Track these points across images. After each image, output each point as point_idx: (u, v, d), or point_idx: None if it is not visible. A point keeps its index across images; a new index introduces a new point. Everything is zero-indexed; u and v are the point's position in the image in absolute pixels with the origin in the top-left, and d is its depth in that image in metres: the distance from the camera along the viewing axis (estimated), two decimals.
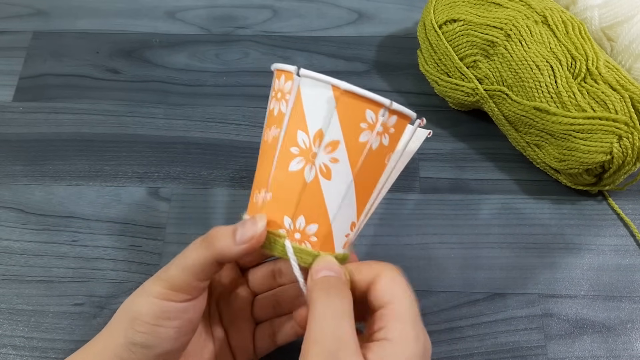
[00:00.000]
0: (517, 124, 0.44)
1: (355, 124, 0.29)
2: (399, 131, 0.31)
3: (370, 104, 0.29)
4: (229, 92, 0.52)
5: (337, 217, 0.30)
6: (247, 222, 0.29)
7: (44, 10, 0.57)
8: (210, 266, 0.29)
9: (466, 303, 0.42)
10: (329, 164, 0.29)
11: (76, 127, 0.50)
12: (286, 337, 0.34)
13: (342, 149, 0.29)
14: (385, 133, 0.30)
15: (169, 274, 0.30)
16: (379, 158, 0.30)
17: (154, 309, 0.29)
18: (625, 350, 0.40)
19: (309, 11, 0.57)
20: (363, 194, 0.31)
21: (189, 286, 0.29)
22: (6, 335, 0.41)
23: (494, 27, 0.44)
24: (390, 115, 0.30)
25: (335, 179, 0.30)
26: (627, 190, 0.46)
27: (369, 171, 0.30)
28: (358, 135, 0.29)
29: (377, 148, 0.30)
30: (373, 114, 0.29)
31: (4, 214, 0.46)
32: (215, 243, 0.29)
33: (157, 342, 0.29)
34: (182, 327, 0.30)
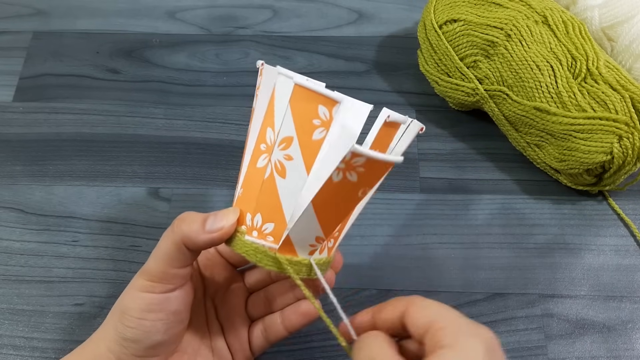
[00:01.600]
0: (517, 124, 0.44)
1: (308, 120, 0.28)
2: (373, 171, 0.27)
3: (321, 99, 0.28)
4: (229, 92, 0.52)
5: (295, 225, 0.28)
6: (219, 213, 0.29)
7: (44, 10, 0.57)
8: (179, 252, 0.29)
9: (466, 303, 0.42)
10: (283, 161, 0.29)
11: (76, 127, 0.50)
12: (277, 335, 0.34)
13: (296, 146, 0.28)
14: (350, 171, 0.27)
15: (147, 265, 0.30)
16: (344, 190, 0.27)
17: (139, 302, 0.30)
18: (626, 350, 0.40)
19: (309, 11, 0.57)
20: (327, 217, 0.29)
21: (165, 274, 0.29)
22: (6, 335, 0.41)
23: (494, 27, 0.44)
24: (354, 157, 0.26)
25: (290, 178, 0.29)
26: (627, 190, 0.46)
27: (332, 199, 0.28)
28: (311, 133, 0.28)
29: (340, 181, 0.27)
30: (326, 110, 0.28)
31: (4, 214, 0.46)
32: (181, 226, 0.29)
33: (145, 336, 0.29)
34: (168, 319, 0.30)
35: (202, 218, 0.29)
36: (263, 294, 0.35)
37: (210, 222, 0.29)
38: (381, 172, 0.28)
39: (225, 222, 0.29)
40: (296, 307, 0.33)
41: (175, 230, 0.29)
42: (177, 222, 0.29)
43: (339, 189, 0.27)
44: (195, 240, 0.29)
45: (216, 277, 0.35)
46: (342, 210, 0.29)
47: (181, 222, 0.29)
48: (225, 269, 0.36)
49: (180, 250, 0.29)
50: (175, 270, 0.30)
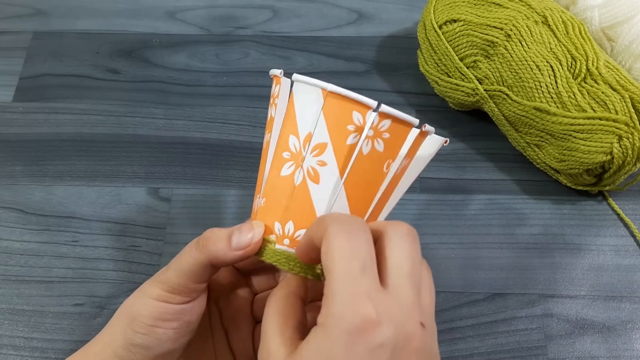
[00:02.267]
0: (517, 124, 0.44)
1: (342, 126, 0.28)
2: (397, 136, 0.29)
3: (356, 106, 0.28)
4: (229, 92, 0.52)
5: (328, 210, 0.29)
6: (243, 228, 0.29)
7: (44, 10, 0.57)
8: (204, 269, 0.29)
9: (466, 303, 0.42)
10: (316, 166, 0.29)
11: (76, 127, 0.50)
12: None
13: (330, 152, 0.29)
14: (377, 137, 0.28)
15: (166, 276, 0.30)
16: (373, 163, 0.29)
17: (152, 310, 0.29)
18: (626, 350, 0.40)
19: (309, 11, 0.57)
20: (357, 200, 0.29)
21: (185, 288, 0.29)
22: (6, 335, 0.41)
23: (494, 27, 0.44)
24: (382, 119, 0.28)
25: (323, 183, 0.29)
26: (627, 190, 0.46)
27: (362, 176, 0.29)
28: (346, 138, 0.28)
29: (369, 152, 0.28)
30: (360, 115, 0.28)
31: (4, 214, 0.46)
32: (209, 246, 0.29)
33: (155, 343, 0.29)
34: (180, 328, 0.30)
35: (227, 235, 0.29)
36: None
37: (235, 238, 0.29)
38: (403, 138, 0.29)
39: (252, 238, 0.29)
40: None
41: (202, 251, 0.29)
42: (203, 241, 0.29)
43: (366, 162, 0.28)
44: (222, 259, 0.29)
45: (221, 280, 0.35)
46: (369, 188, 0.29)
47: (207, 241, 0.29)
48: (230, 272, 0.36)
49: (205, 268, 0.29)
50: (196, 285, 0.30)
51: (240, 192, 0.46)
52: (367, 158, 0.28)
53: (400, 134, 0.29)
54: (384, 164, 0.29)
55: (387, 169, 0.29)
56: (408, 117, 0.28)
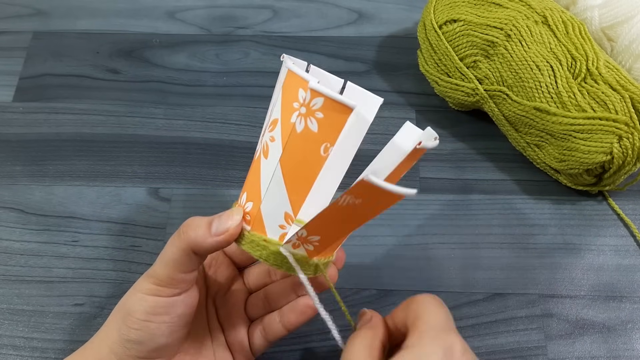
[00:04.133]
0: (517, 124, 0.44)
1: (290, 103, 0.28)
2: (332, 119, 0.27)
3: (301, 82, 0.28)
4: (229, 92, 0.52)
5: (266, 197, 0.29)
6: (223, 215, 0.29)
7: (44, 10, 0.57)
8: (187, 257, 0.29)
9: (466, 303, 0.42)
10: (268, 142, 0.29)
11: (76, 127, 0.50)
12: (276, 334, 0.34)
13: (278, 128, 0.29)
14: (309, 116, 0.27)
15: (154, 269, 0.30)
16: (306, 143, 0.28)
17: (144, 305, 0.29)
18: (626, 350, 0.40)
19: (309, 11, 0.57)
20: (294, 182, 0.28)
21: (173, 280, 0.29)
22: (6, 335, 0.41)
23: (494, 27, 0.44)
24: (314, 97, 0.27)
25: (270, 158, 0.29)
26: (627, 190, 0.46)
27: (297, 157, 0.28)
28: (291, 115, 0.28)
29: (302, 131, 0.27)
30: (304, 92, 0.28)
31: (4, 214, 0.46)
32: (189, 232, 0.29)
33: (149, 338, 0.29)
34: (173, 322, 0.30)
35: (207, 222, 0.29)
36: (262, 294, 0.35)
37: (215, 225, 0.29)
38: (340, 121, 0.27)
39: (231, 223, 0.29)
40: (294, 304, 0.33)
41: (182, 237, 0.29)
42: (183, 228, 0.29)
43: (299, 142, 0.27)
44: (202, 245, 0.29)
45: (219, 276, 0.35)
46: (304, 170, 0.28)
47: (187, 227, 0.29)
48: (228, 268, 0.36)
49: (188, 256, 0.29)
50: (183, 275, 0.30)
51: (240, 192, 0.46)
52: (300, 137, 0.28)
53: (336, 116, 0.27)
54: (320, 146, 0.28)
55: (325, 152, 0.28)
56: (342, 98, 0.26)
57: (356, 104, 0.26)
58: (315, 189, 0.28)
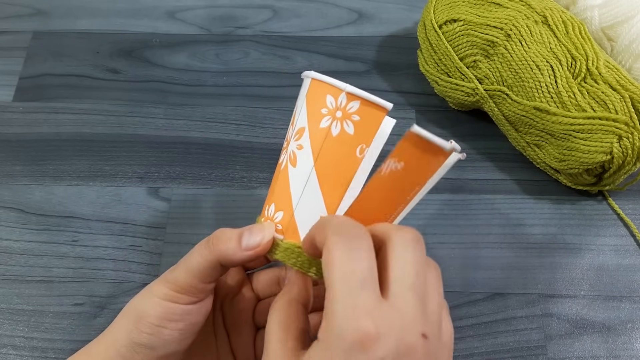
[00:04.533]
0: (517, 124, 0.44)
1: (318, 110, 0.29)
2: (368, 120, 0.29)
3: (329, 89, 0.29)
4: (229, 92, 0.52)
5: (300, 204, 0.29)
6: (254, 228, 0.29)
7: (44, 10, 0.57)
8: (214, 269, 0.29)
9: (466, 303, 0.42)
10: (295, 150, 0.30)
11: (76, 127, 0.50)
12: None
13: (306, 135, 0.29)
14: (346, 119, 0.29)
15: (174, 275, 0.30)
16: (342, 146, 0.29)
17: (159, 310, 0.29)
18: (626, 350, 0.40)
19: (309, 11, 0.57)
20: (330, 185, 0.29)
21: (194, 288, 0.29)
22: (6, 335, 0.41)
23: (494, 27, 0.44)
24: (350, 101, 0.28)
25: (299, 166, 0.29)
26: (627, 190, 0.46)
27: (333, 160, 0.29)
28: (319, 121, 0.29)
29: (338, 135, 0.29)
30: (333, 99, 0.29)
31: (4, 214, 0.46)
32: (219, 245, 0.29)
33: (161, 344, 0.29)
34: (186, 329, 0.30)
35: (237, 235, 0.29)
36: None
37: (245, 239, 0.29)
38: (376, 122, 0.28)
39: (262, 238, 0.29)
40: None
41: (212, 249, 0.29)
42: (214, 240, 0.29)
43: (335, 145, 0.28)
44: (232, 259, 0.29)
45: (229, 280, 0.35)
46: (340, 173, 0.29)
47: (217, 240, 0.29)
48: (237, 273, 0.35)
49: (215, 268, 0.29)
50: (204, 285, 0.30)
51: (240, 192, 0.46)
52: (336, 140, 0.29)
53: (372, 118, 0.29)
54: (356, 148, 0.29)
55: (361, 154, 0.29)
56: (378, 100, 0.28)
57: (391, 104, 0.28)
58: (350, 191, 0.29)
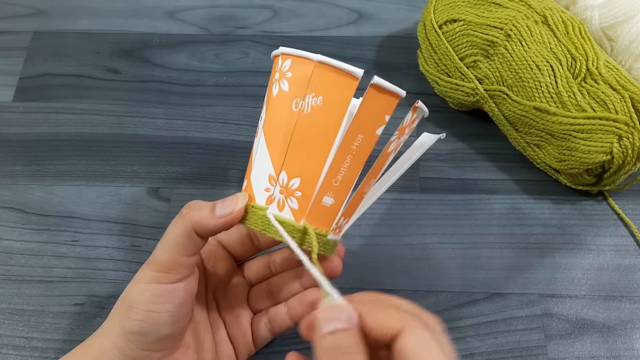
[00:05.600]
0: (517, 124, 0.44)
1: (270, 79, 0.31)
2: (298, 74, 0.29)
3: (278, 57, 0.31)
4: (229, 92, 0.52)
5: (254, 166, 0.31)
6: (227, 199, 0.30)
7: (44, 10, 0.57)
8: (190, 239, 0.30)
9: (466, 303, 0.42)
10: (259, 122, 0.32)
11: (76, 127, 0.50)
12: (281, 325, 0.34)
13: (264, 104, 0.31)
14: (282, 78, 0.30)
15: (155, 256, 0.30)
16: (280, 104, 0.30)
17: (147, 294, 0.30)
18: (626, 350, 0.40)
19: (309, 11, 0.57)
20: (274, 143, 0.30)
21: (175, 264, 0.30)
22: (6, 335, 0.41)
23: (494, 27, 0.44)
24: (284, 60, 0.30)
25: (258, 133, 0.31)
26: (627, 190, 0.46)
27: (274, 118, 0.30)
28: (270, 88, 0.31)
29: (277, 94, 0.30)
30: (279, 64, 0.30)
31: (4, 214, 0.46)
32: (192, 213, 0.29)
33: (152, 329, 0.30)
34: (175, 310, 0.30)
35: (211, 205, 0.30)
36: (266, 286, 0.36)
37: (219, 207, 0.30)
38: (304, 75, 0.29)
39: (235, 206, 0.30)
40: (302, 297, 0.33)
41: (185, 217, 0.30)
42: (186, 209, 0.30)
43: (274, 103, 0.30)
44: (206, 226, 0.29)
45: (218, 270, 0.36)
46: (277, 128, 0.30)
47: (190, 209, 0.30)
48: (227, 262, 0.36)
49: (191, 238, 0.30)
50: (184, 258, 0.30)
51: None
52: (276, 100, 0.30)
53: (303, 70, 0.29)
54: (292, 102, 0.29)
55: (297, 107, 0.29)
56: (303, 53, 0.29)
57: (319, 56, 0.28)
58: (293, 145, 0.29)
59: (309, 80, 0.29)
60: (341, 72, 0.29)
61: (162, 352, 0.31)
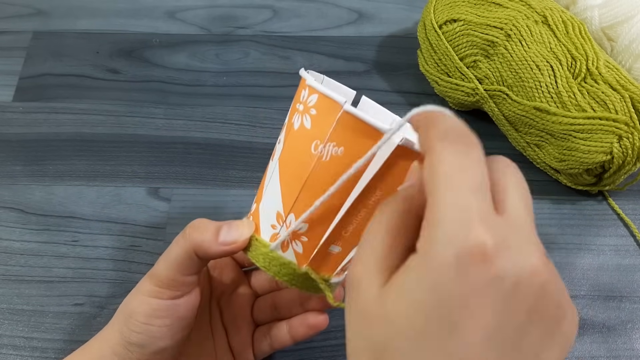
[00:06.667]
0: (517, 124, 0.44)
1: (294, 104, 0.29)
2: (324, 114, 0.27)
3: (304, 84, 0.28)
4: (229, 92, 0.52)
5: (265, 196, 0.29)
6: (233, 224, 0.29)
7: (44, 10, 0.57)
8: (190, 260, 0.29)
9: None
10: (276, 144, 0.30)
11: (76, 127, 0.50)
12: (282, 343, 0.34)
13: (284, 129, 0.29)
14: (305, 113, 0.27)
15: (156, 269, 0.30)
16: (300, 140, 0.28)
17: (146, 307, 0.29)
18: (625, 350, 0.40)
19: (309, 11, 0.57)
20: (287, 180, 0.28)
21: (174, 281, 0.29)
22: (6, 335, 0.41)
23: (494, 27, 0.44)
24: (310, 94, 0.27)
25: (274, 159, 0.29)
26: (627, 190, 0.46)
27: (291, 154, 0.28)
28: (292, 115, 0.28)
29: (299, 128, 0.28)
30: (304, 93, 0.28)
31: (4, 214, 0.46)
32: (194, 234, 0.28)
33: (150, 341, 0.29)
34: (174, 325, 0.30)
35: (215, 228, 0.28)
36: (270, 300, 0.35)
37: (223, 233, 0.28)
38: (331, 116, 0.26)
39: (239, 236, 0.28)
40: (304, 319, 0.33)
41: (187, 238, 0.29)
42: (189, 229, 0.29)
43: (295, 139, 0.28)
44: (207, 251, 0.28)
45: (224, 278, 0.35)
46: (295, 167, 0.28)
47: (193, 230, 0.29)
48: (233, 270, 0.35)
49: (191, 258, 0.29)
50: (184, 277, 0.29)
51: (240, 192, 0.46)
52: (296, 134, 0.28)
53: (327, 112, 0.27)
54: (312, 143, 0.27)
55: (316, 150, 0.27)
56: (332, 94, 0.26)
57: (345, 99, 0.26)
58: (306, 190, 0.27)
59: (332, 128, 0.26)
60: (367, 127, 0.26)
61: None
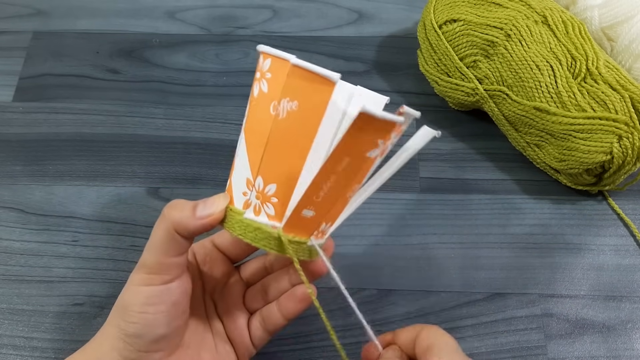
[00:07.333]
0: (517, 124, 0.44)
1: (254, 76, 0.30)
2: (278, 75, 0.28)
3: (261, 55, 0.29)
4: (229, 92, 0.52)
5: (235, 167, 0.30)
6: (209, 200, 0.30)
7: (44, 10, 0.57)
8: (172, 239, 0.29)
9: (466, 303, 0.42)
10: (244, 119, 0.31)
11: (76, 127, 0.50)
12: (275, 324, 0.34)
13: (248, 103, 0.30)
14: (262, 78, 0.29)
15: (143, 258, 0.30)
16: (259, 105, 0.29)
17: (139, 297, 0.30)
18: (625, 350, 0.40)
19: (309, 11, 0.57)
20: (252, 146, 0.29)
21: (162, 265, 0.30)
22: (6, 335, 0.41)
23: (494, 27, 0.44)
24: (265, 59, 0.29)
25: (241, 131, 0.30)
26: (627, 190, 0.46)
27: (253, 120, 0.29)
28: (253, 86, 0.30)
29: (258, 95, 0.29)
30: (261, 62, 0.29)
31: (4, 214, 0.46)
32: (172, 213, 0.29)
33: (148, 330, 0.30)
34: (169, 311, 0.30)
35: (192, 205, 0.30)
36: (260, 286, 0.36)
37: (200, 208, 0.29)
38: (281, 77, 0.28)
39: (215, 208, 0.29)
40: (292, 293, 0.33)
41: (166, 217, 0.29)
42: (167, 209, 0.30)
43: (255, 105, 0.29)
44: (186, 226, 0.29)
45: (214, 272, 0.36)
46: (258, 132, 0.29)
47: (171, 209, 0.29)
48: (223, 264, 0.36)
49: (173, 238, 0.29)
50: (171, 259, 0.30)
51: None
52: (256, 101, 0.29)
53: (280, 71, 0.28)
54: (270, 104, 0.28)
55: (275, 110, 0.28)
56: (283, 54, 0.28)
57: (294, 59, 0.27)
58: (269, 150, 0.28)
59: (284, 84, 0.27)
60: (316, 77, 0.27)
61: (160, 353, 0.31)
